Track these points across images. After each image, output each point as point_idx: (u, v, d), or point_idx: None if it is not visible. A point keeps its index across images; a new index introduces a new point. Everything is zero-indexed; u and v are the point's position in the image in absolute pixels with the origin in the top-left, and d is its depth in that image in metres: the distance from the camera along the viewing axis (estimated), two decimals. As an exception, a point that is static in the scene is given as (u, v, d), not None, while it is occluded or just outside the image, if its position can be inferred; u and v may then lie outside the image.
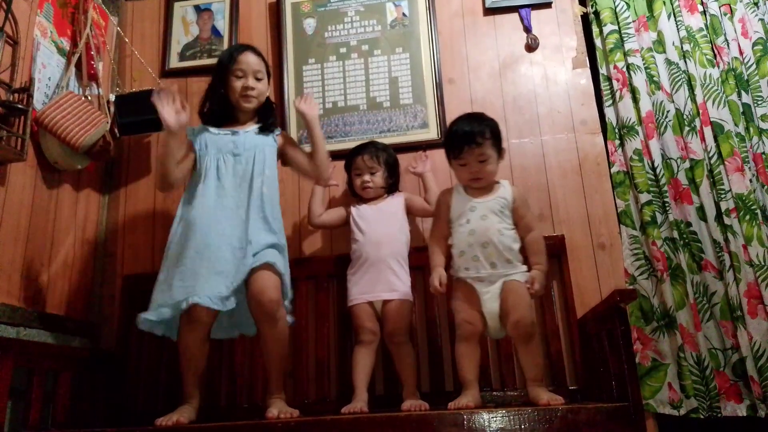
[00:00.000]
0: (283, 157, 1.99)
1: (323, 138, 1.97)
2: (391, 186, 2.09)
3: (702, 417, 1.95)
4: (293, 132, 2.38)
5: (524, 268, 1.73)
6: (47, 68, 2.10)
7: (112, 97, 2.31)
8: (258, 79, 1.90)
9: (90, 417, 1.98)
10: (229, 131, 1.90)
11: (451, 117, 2.32)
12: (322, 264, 2.17)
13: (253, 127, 1.93)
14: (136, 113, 2.25)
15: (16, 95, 1.90)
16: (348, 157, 2.12)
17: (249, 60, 1.89)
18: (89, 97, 2.22)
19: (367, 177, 2.05)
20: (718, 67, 2.26)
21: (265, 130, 1.93)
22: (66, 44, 2.23)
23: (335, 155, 2.33)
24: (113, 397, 2.07)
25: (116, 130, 2.27)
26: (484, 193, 1.77)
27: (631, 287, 2.07)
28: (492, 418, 1.41)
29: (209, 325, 1.76)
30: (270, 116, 1.97)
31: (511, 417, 1.41)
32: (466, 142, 1.72)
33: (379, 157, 2.06)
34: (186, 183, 1.91)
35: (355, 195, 2.13)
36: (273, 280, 1.74)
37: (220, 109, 1.93)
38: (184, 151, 1.85)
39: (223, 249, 1.73)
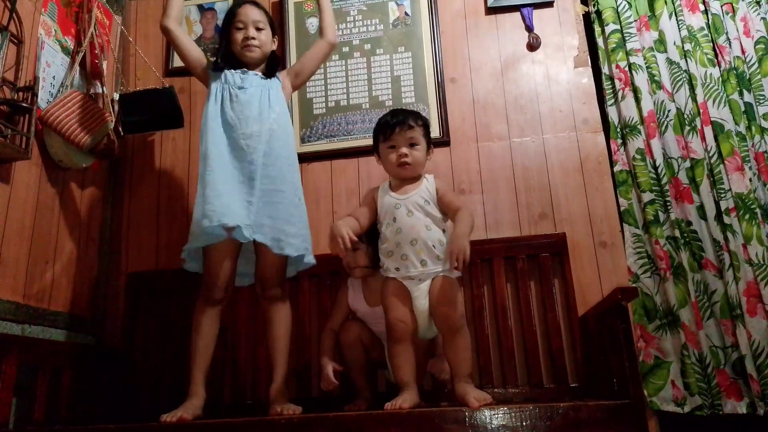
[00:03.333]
0: (294, 78, 2.01)
1: (330, 6, 2.04)
2: None
3: (705, 414, 1.96)
4: (296, 131, 2.38)
5: (454, 263, 1.68)
6: (51, 67, 2.11)
7: (116, 96, 2.32)
8: (259, 29, 1.93)
9: (95, 413, 1.99)
10: (238, 71, 1.92)
11: (453, 116, 2.35)
12: (326, 262, 2.17)
13: (258, 74, 1.95)
14: (140, 112, 2.27)
15: (21, 94, 1.91)
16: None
17: (248, 11, 1.93)
18: (93, 96, 2.23)
19: (350, 257, 1.89)
20: (720, 66, 2.26)
21: (268, 75, 1.95)
22: (70, 43, 2.24)
23: (338, 154, 2.36)
24: (118, 393, 2.08)
25: (120, 129, 2.28)
26: (407, 188, 1.75)
27: (633, 285, 2.07)
28: (494, 415, 1.42)
29: (220, 307, 1.80)
30: (276, 69, 2.00)
31: (513, 414, 1.41)
32: (398, 124, 1.74)
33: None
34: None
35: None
36: (277, 264, 1.82)
37: (227, 64, 1.94)
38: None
39: (234, 174, 1.77)
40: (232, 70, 1.92)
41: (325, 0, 2.03)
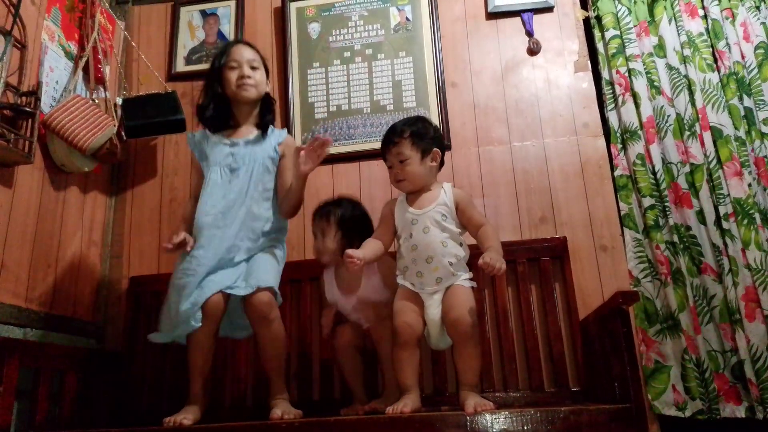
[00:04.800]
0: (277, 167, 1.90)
1: (301, 193, 1.84)
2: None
3: (704, 419, 1.96)
4: (297, 135, 2.40)
5: (469, 274, 1.68)
6: (55, 72, 2.12)
7: (119, 101, 2.34)
8: (253, 68, 1.85)
9: (96, 417, 2.00)
10: (228, 141, 1.85)
11: (454, 120, 2.36)
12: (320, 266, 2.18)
13: (252, 134, 1.88)
14: (142, 116, 2.28)
15: (24, 98, 1.92)
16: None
17: (241, 51, 1.86)
18: (96, 101, 2.24)
19: (318, 242, 1.87)
20: (719, 71, 2.27)
21: (264, 132, 1.87)
22: (73, 48, 2.25)
23: (340, 158, 2.36)
24: (119, 397, 2.09)
25: (123, 133, 2.29)
26: (424, 202, 1.70)
27: (634, 289, 2.08)
28: (495, 419, 1.42)
29: (215, 326, 1.76)
30: (268, 113, 1.91)
31: (514, 418, 1.42)
32: (384, 143, 1.72)
33: (330, 218, 1.85)
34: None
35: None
36: (266, 296, 1.72)
37: (218, 112, 1.87)
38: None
39: (214, 235, 1.75)
40: (223, 142, 1.85)
41: (300, 183, 1.81)
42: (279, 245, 1.89)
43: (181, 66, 2.57)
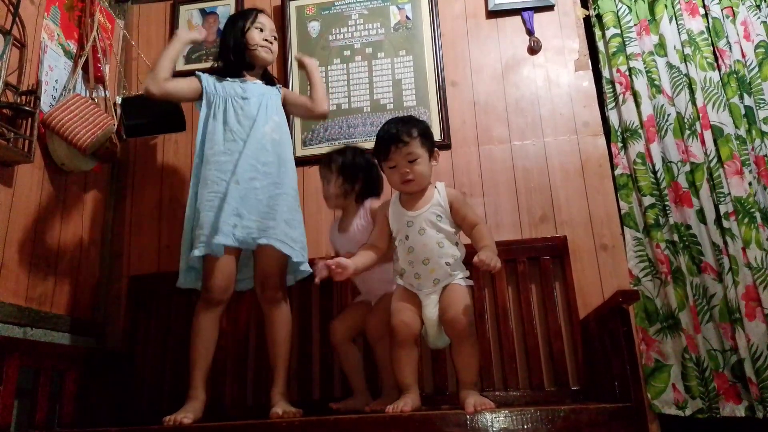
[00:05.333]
0: (285, 106, 2.03)
1: (321, 79, 2.10)
2: (359, 194, 1.93)
3: (703, 418, 1.96)
4: (297, 135, 2.40)
5: (466, 273, 1.68)
6: (54, 71, 2.12)
7: (119, 100, 2.34)
8: (275, 38, 2.02)
9: (96, 416, 2.00)
10: (238, 79, 1.96)
11: (454, 119, 2.36)
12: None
13: (258, 81, 2.01)
14: (142, 116, 2.28)
15: (24, 97, 1.92)
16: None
17: (268, 20, 2.03)
18: (96, 100, 2.24)
19: (324, 188, 1.96)
20: (719, 70, 2.27)
21: (268, 83, 2.02)
22: (73, 47, 2.25)
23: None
24: (119, 396, 2.09)
25: (122, 132, 2.29)
26: (419, 203, 1.69)
27: (634, 288, 2.08)
28: (495, 418, 1.42)
29: (221, 307, 1.81)
30: (273, 79, 2.08)
31: (514, 417, 1.42)
32: (392, 142, 1.66)
33: (331, 165, 1.94)
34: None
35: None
36: (279, 261, 1.82)
37: (233, 61, 1.97)
38: (187, 87, 1.94)
39: (231, 190, 1.78)
40: (231, 80, 1.95)
41: (315, 74, 2.07)
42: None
43: (180, 65, 2.56)
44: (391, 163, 1.68)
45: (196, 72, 1.98)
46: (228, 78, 1.96)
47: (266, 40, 1.98)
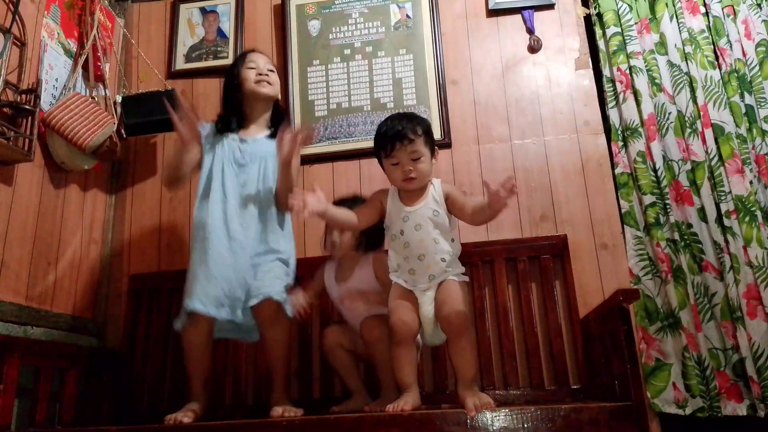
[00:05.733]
0: None
1: (286, 181, 1.83)
2: (368, 244, 1.89)
3: (705, 416, 1.96)
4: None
5: (461, 269, 1.68)
6: (54, 69, 2.12)
7: (119, 98, 2.34)
8: (270, 70, 1.95)
9: (96, 415, 2.00)
10: (238, 137, 1.89)
11: (454, 118, 2.36)
12: (323, 264, 2.18)
13: (263, 134, 1.93)
14: (142, 114, 2.28)
15: (24, 96, 1.92)
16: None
17: (258, 57, 1.97)
18: (96, 99, 2.24)
19: (335, 236, 1.88)
20: (720, 68, 2.26)
21: (275, 136, 1.86)
22: (73, 46, 2.25)
23: (340, 156, 2.36)
24: (119, 395, 2.09)
25: (123, 131, 2.29)
26: (416, 199, 1.68)
27: (635, 287, 2.08)
28: (495, 416, 1.42)
29: (209, 327, 1.77)
30: (281, 122, 1.94)
31: (514, 416, 1.42)
32: (397, 139, 1.63)
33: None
34: (192, 179, 1.95)
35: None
36: (273, 307, 1.75)
37: (232, 111, 1.92)
38: (196, 151, 1.88)
39: (223, 256, 1.74)
40: (232, 137, 1.89)
41: (283, 171, 1.84)
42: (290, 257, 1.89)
43: (180, 63, 2.56)
44: (394, 161, 1.66)
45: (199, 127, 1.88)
46: (229, 134, 1.90)
47: (261, 74, 1.90)
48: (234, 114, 1.93)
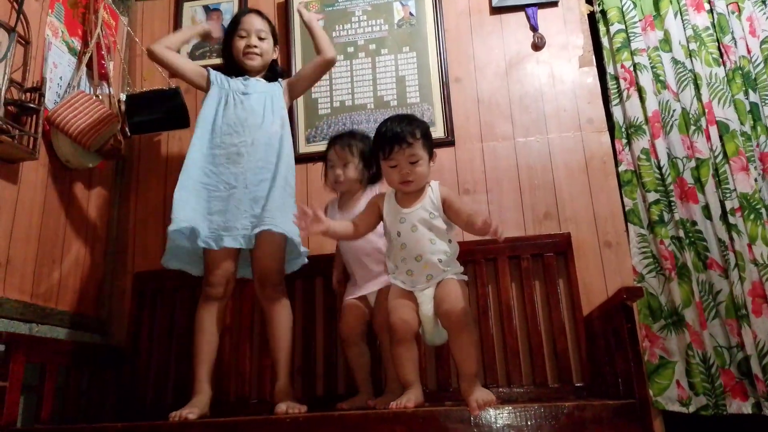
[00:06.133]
0: (292, 89, 2.05)
1: (322, 30, 2.06)
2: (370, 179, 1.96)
3: (709, 414, 1.95)
4: (300, 132, 2.40)
5: (460, 269, 1.68)
6: (58, 68, 2.13)
7: (123, 97, 2.34)
8: (261, 38, 2.01)
9: (101, 412, 2.01)
10: (241, 78, 2.00)
11: (457, 116, 2.36)
12: (331, 261, 2.18)
13: (261, 80, 2.03)
14: (146, 112, 2.28)
15: (28, 94, 1.93)
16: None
17: (252, 20, 2.01)
18: (100, 97, 2.25)
19: (339, 170, 1.93)
20: (725, 65, 2.25)
21: (273, 78, 2.04)
22: (77, 44, 2.25)
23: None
24: (123, 392, 2.10)
25: (127, 129, 2.29)
26: (413, 201, 1.69)
27: (638, 285, 2.07)
28: (498, 414, 1.42)
29: (222, 306, 1.85)
30: (277, 75, 2.08)
31: (518, 413, 1.42)
32: (396, 142, 1.63)
33: (353, 149, 1.93)
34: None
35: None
36: (276, 255, 1.84)
37: (230, 69, 2.03)
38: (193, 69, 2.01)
39: (220, 189, 1.86)
40: (234, 78, 1.99)
41: (315, 26, 2.04)
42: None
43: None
44: (393, 163, 1.66)
45: (207, 66, 2.05)
46: (232, 77, 2.01)
47: (249, 46, 1.99)
48: (233, 73, 2.03)
